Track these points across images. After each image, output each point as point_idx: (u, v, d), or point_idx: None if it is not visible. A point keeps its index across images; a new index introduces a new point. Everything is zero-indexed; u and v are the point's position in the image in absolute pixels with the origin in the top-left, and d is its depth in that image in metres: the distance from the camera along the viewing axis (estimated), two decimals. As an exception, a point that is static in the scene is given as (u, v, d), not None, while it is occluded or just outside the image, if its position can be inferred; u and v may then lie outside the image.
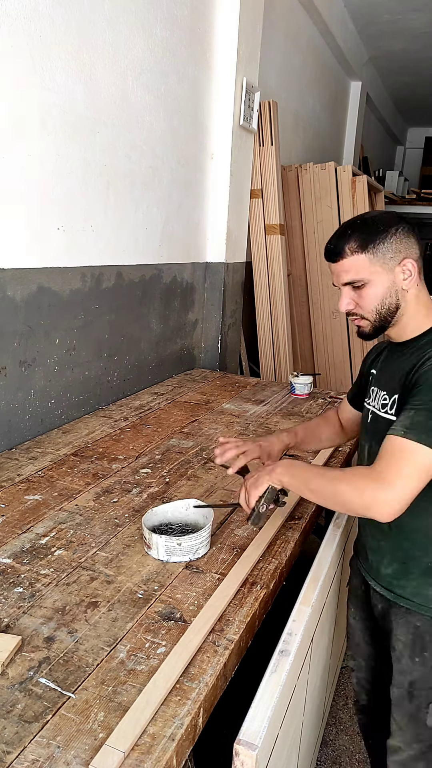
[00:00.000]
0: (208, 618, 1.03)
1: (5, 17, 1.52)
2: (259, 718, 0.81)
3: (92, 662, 0.93)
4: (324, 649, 1.38)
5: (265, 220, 3.21)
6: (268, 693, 0.86)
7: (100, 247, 2.07)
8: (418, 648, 1.16)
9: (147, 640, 0.98)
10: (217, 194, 2.87)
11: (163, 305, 2.59)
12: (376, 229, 1.10)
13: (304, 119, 4.26)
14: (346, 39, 4.59)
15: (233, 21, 2.64)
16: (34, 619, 1.02)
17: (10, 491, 1.49)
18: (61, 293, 1.90)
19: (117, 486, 1.56)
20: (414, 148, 8.75)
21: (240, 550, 1.26)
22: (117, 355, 2.28)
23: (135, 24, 2.05)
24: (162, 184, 2.42)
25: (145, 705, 0.84)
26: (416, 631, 1.16)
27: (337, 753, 1.84)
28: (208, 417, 2.17)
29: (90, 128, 1.91)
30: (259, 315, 3.37)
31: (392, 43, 5.03)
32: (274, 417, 2.20)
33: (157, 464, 1.72)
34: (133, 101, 2.12)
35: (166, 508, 1.34)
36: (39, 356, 1.84)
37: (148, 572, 1.17)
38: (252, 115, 2.92)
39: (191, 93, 2.54)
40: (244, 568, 1.19)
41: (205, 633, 0.99)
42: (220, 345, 3.05)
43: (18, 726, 0.81)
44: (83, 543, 1.27)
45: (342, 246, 1.11)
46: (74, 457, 1.73)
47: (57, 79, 1.72)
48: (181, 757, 0.81)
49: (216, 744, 1.09)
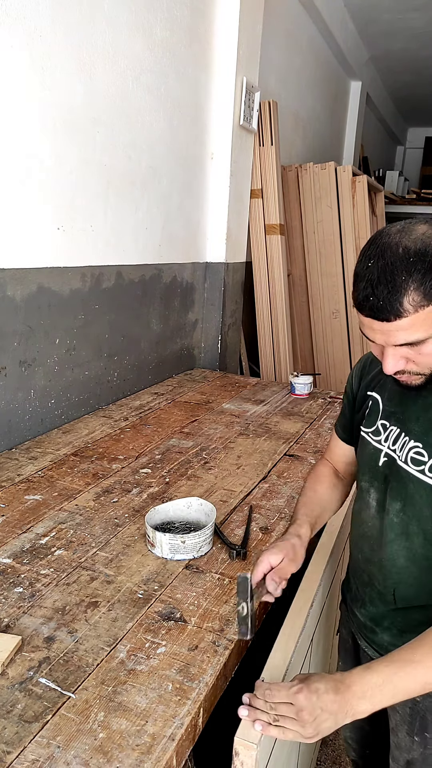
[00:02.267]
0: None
1: (5, 17, 1.52)
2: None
3: (92, 662, 0.93)
4: (324, 649, 1.38)
5: (265, 220, 3.21)
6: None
7: (100, 247, 2.07)
8: (417, 726, 1.02)
9: (147, 640, 0.98)
10: (217, 194, 2.87)
11: (163, 305, 2.59)
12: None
13: (304, 119, 4.26)
14: (346, 39, 4.59)
15: (233, 21, 2.64)
16: (34, 619, 1.02)
17: (10, 491, 1.49)
18: (61, 293, 1.90)
19: (117, 486, 1.56)
20: (414, 148, 8.75)
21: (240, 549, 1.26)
22: (117, 355, 2.28)
23: (135, 24, 2.05)
24: (162, 184, 2.42)
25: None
26: (415, 706, 1.02)
27: (337, 753, 1.84)
28: (208, 417, 2.17)
29: (90, 128, 1.91)
30: (259, 315, 3.37)
31: (392, 43, 5.03)
32: (274, 417, 2.20)
33: (157, 464, 1.72)
34: (133, 101, 2.12)
35: (167, 506, 1.34)
36: (39, 356, 1.84)
37: (148, 572, 1.17)
38: (252, 115, 2.92)
39: (191, 93, 2.54)
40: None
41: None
42: (220, 345, 3.05)
43: (18, 726, 0.81)
44: (83, 543, 1.27)
45: (398, 300, 0.78)
46: (74, 457, 1.73)
47: (57, 79, 1.72)
48: (181, 757, 0.81)
49: (216, 744, 1.08)
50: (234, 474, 1.67)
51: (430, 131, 8.47)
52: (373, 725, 1.24)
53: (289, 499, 1.53)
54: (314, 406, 2.36)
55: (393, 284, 0.78)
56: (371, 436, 1.03)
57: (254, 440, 1.95)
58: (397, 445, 0.97)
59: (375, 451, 1.01)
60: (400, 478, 0.95)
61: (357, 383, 1.12)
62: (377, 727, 1.24)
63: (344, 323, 3.67)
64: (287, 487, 1.60)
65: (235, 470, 1.70)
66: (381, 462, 0.99)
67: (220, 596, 1.11)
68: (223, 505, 1.48)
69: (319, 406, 2.37)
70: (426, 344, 0.83)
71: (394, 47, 5.13)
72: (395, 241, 0.81)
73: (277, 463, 1.77)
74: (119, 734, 0.80)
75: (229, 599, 1.11)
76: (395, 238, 0.81)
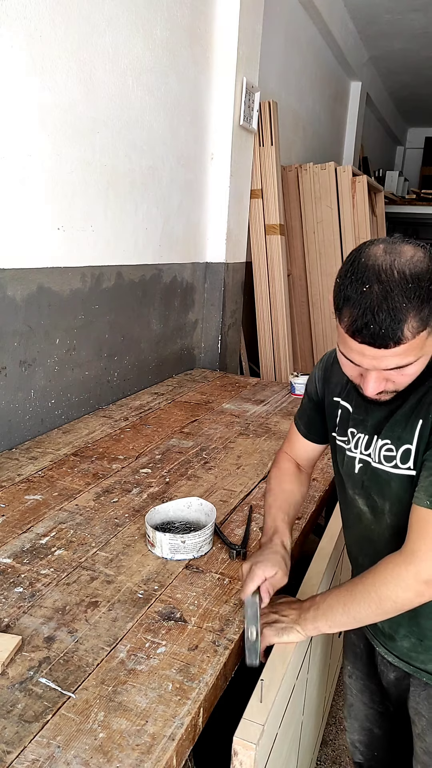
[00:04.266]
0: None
1: (5, 17, 1.52)
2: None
3: (92, 662, 0.93)
4: (324, 649, 1.38)
5: (265, 220, 3.21)
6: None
7: (100, 247, 2.07)
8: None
9: (147, 640, 0.98)
10: (217, 194, 2.87)
11: (163, 305, 2.60)
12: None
13: (304, 119, 4.26)
14: (346, 39, 4.59)
15: (233, 21, 2.64)
16: (35, 618, 1.02)
17: (11, 491, 1.49)
18: (61, 293, 1.90)
19: (117, 486, 1.56)
20: (414, 148, 8.74)
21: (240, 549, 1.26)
22: (117, 355, 2.28)
23: (135, 24, 2.06)
24: (162, 184, 2.42)
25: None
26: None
27: (337, 753, 1.84)
28: (208, 417, 2.17)
29: (90, 128, 1.91)
30: (259, 315, 3.37)
31: (392, 43, 5.03)
32: (274, 417, 2.20)
33: (157, 464, 1.72)
34: (133, 101, 2.12)
35: (167, 506, 1.34)
36: (39, 356, 1.84)
37: (148, 572, 1.17)
38: (252, 115, 2.92)
39: (191, 93, 2.54)
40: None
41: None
42: (220, 345, 3.05)
43: (18, 726, 0.81)
44: (83, 543, 1.27)
45: (400, 328, 0.78)
46: (74, 457, 1.73)
47: (57, 79, 1.72)
48: (181, 757, 0.81)
49: (216, 744, 1.08)
50: (234, 474, 1.67)
51: (430, 131, 8.47)
52: (383, 729, 1.26)
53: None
54: (314, 406, 2.36)
55: (395, 311, 0.77)
56: (345, 444, 1.05)
57: (254, 440, 1.95)
58: (370, 449, 0.99)
59: (350, 459, 1.03)
60: (380, 480, 0.97)
61: (321, 387, 1.13)
62: (387, 731, 1.26)
63: (344, 323, 3.67)
64: (287, 487, 1.60)
65: (235, 470, 1.70)
66: (357, 469, 1.02)
67: (220, 596, 1.11)
68: (223, 505, 1.48)
69: (319, 406, 2.37)
70: (410, 366, 0.83)
71: (394, 47, 5.13)
72: (387, 263, 0.79)
73: (277, 463, 1.77)
74: (119, 734, 0.80)
75: (229, 599, 1.11)
76: (386, 260, 0.79)
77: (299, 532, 1.37)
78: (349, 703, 1.29)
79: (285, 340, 3.33)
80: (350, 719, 1.30)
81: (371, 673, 1.20)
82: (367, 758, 1.32)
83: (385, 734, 1.26)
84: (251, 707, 0.83)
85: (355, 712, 1.28)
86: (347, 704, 1.30)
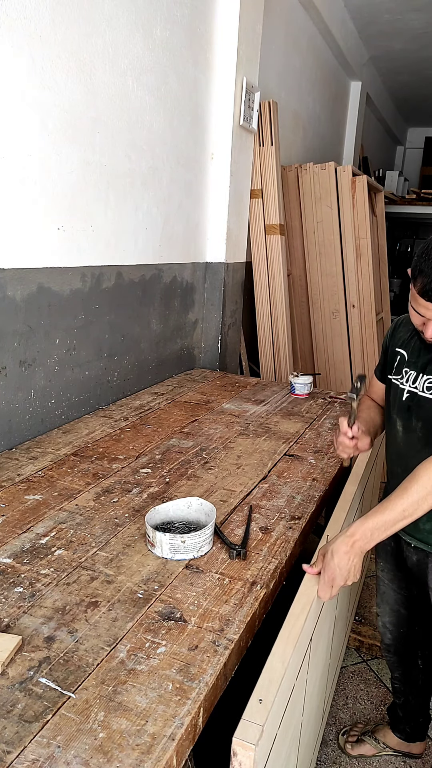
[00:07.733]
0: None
1: (5, 17, 1.52)
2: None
3: (92, 662, 0.93)
4: (324, 649, 1.38)
5: (265, 220, 3.21)
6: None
7: (100, 247, 2.07)
8: None
9: (147, 640, 0.98)
10: (217, 194, 2.87)
11: (163, 305, 2.60)
12: None
13: (304, 119, 4.26)
14: (346, 39, 4.59)
15: (233, 21, 2.64)
16: (34, 618, 1.02)
17: (10, 491, 1.49)
18: (61, 293, 1.90)
19: (117, 486, 1.56)
20: (414, 148, 8.74)
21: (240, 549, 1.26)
22: (117, 355, 2.28)
23: (135, 24, 2.06)
24: (162, 184, 2.42)
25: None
26: None
27: (337, 753, 1.84)
28: (208, 417, 2.17)
29: (90, 128, 1.91)
30: (259, 315, 3.37)
31: (392, 43, 5.03)
32: (274, 417, 2.20)
33: (157, 464, 1.72)
34: (133, 101, 2.12)
35: (167, 506, 1.34)
36: (39, 356, 1.84)
37: (148, 572, 1.17)
38: (252, 115, 2.92)
39: (191, 93, 2.54)
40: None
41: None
42: (220, 345, 3.05)
43: (18, 726, 0.81)
44: (83, 543, 1.27)
45: None
46: (74, 457, 1.73)
47: (57, 79, 1.72)
48: (181, 757, 0.81)
49: (216, 744, 1.09)
50: (234, 474, 1.67)
51: (430, 131, 8.47)
52: (408, 610, 1.64)
53: (289, 499, 1.53)
54: (314, 406, 2.36)
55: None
56: (398, 380, 1.41)
57: (254, 440, 1.95)
58: (417, 383, 1.34)
59: (400, 390, 1.38)
60: (421, 405, 1.32)
61: (389, 341, 1.50)
62: (411, 611, 1.64)
63: (344, 323, 3.67)
64: (287, 487, 1.60)
65: (235, 470, 1.70)
66: (404, 397, 1.37)
67: (220, 596, 1.11)
68: (223, 505, 1.48)
69: (319, 406, 2.38)
70: None
71: (394, 47, 5.13)
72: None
73: (277, 463, 1.77)
74: (119, 734, 0.80)
75: (229, 599, 1.11)
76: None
77: (299, 532, 1.37)
78: (381, 592, 1.67)
79: (285, 340, 3.33)
80: (382, 605, 1.69)
81: (400, 565, 1.56)
82: (395, 636, 1.69)
83: (410, 614, 1.64)
84: (251, 707, 0.83)
85: (387, 597, 1.66)
86: (379, 593, 1.68)
